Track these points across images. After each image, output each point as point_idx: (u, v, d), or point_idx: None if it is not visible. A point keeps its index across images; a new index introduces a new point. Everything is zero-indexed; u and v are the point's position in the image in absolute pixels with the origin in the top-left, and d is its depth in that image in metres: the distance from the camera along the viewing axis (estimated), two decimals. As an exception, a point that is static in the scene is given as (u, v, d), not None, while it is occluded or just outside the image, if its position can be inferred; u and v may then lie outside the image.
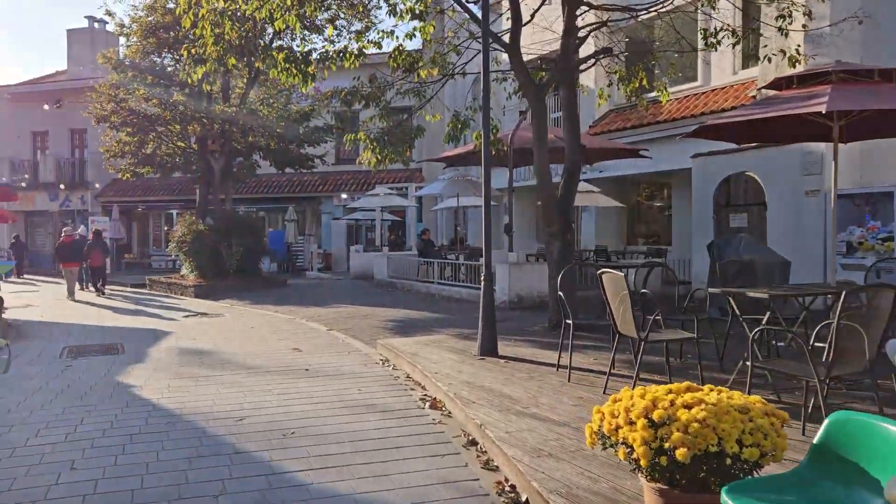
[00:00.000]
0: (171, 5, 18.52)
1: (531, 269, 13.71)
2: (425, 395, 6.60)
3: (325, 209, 28.42)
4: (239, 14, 8.54)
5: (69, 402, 6.47)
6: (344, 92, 11.49)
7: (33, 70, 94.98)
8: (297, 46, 15.47)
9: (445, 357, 7.94)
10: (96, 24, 32.99)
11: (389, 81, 11.94)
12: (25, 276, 26.80)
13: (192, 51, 8.54)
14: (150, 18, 18.75)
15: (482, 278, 8.23)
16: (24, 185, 31.21)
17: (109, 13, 19.21)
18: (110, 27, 21.10)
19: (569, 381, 6.50)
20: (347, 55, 8.95)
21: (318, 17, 14.69)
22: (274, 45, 14.04)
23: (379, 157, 10.43)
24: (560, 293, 6.78)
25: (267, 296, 17.17)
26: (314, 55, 9.07)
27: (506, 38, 9.94)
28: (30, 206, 31.74)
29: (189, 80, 9.04)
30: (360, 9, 15.18)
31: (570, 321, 6.74)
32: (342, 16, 16.32)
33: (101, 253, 19.37)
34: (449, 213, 26.86)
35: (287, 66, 8.74)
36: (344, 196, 27.53)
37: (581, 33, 10.52)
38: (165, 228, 30.83)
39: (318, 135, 21.26)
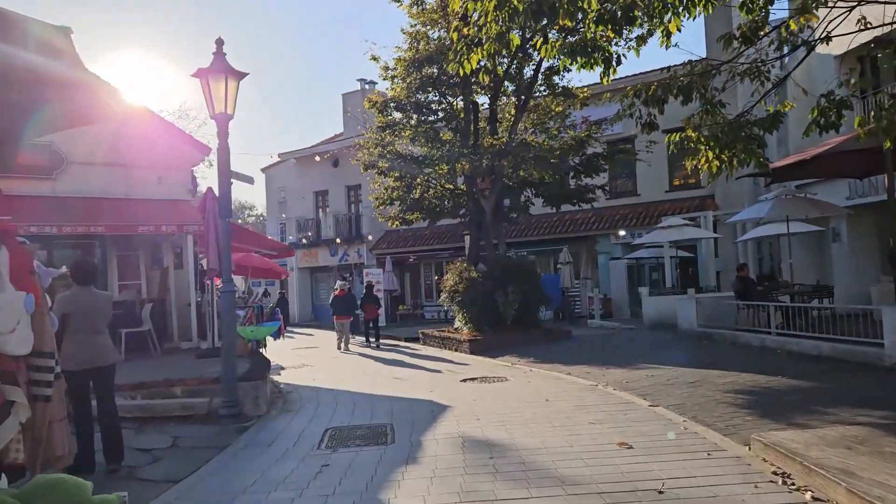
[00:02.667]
0: (435, 35, 17.32)
1: (943, 313, 9.36)
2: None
3: (602, 249, 25.42)
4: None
5: (313, 547, 4.20)
6: (654, 86, 8.57)
7: (316, 135, 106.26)
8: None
9: (914, 481, 4.46)
10: (367, 86, 34.17)
11: (714, 66, 8.80)
12: (287, 330, 27.43)
13: (466, 31, 6.34)
14: (412, 52, 17.66)
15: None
16: (304, 241, 32.81)
17: (375, 58, 18.56)
18: (377, 75, 20.51)
19: None
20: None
21: None
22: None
23: (725, 158, 7.27)
24: None
25: (551, 351, 14.56)
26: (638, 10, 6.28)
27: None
28: (314, 262, 33.24)
29: (460, 71, 6.80)
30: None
31: None
32: None
33: (374, 306, 19.28)
34: (752, 244, 22.39)
35: (604, 14, 6.03)
36: (622, 233, 24.38)
37: None
38: (436, 278, 30.14)
39: (596, 162, 18.54)
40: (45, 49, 3.26)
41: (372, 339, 18.90)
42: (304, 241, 32.84)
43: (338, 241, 31.07)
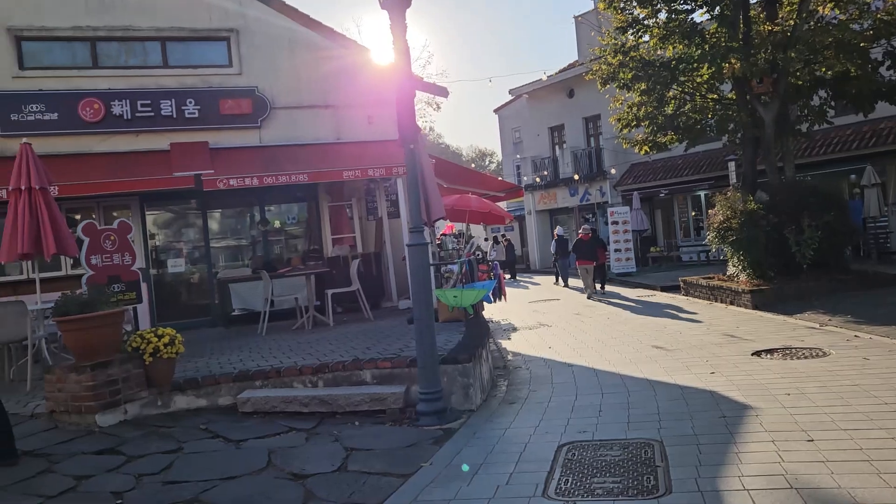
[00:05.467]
0: None
1: None
2: None
3: (920, 165, 19.45)
4: None
5: None
6: None
7: (549, 67, 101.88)
8: None
9: None
10: (600, 2, 30.23)
11: None
12: (515, 280, 25.35)
13: None
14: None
15: None
16: (538, 180, 30.30)
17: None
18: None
19: None
20: None
21: None
22: None
23: None
24: None
25: (876, 305, 10.50)
26: None
27: None
28: (552, 204, 30.67)
29: None
30: None
31: None
32: None
33: (601, 250, 18.41)
34: None
35: None
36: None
37: None
38: (692, 214, 25.97)
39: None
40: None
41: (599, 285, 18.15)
42: (538, 180, 30.36)
43: (575, 177, 27.96)
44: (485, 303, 9.35)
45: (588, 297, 16.61)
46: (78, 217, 11.93)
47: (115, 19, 11.82)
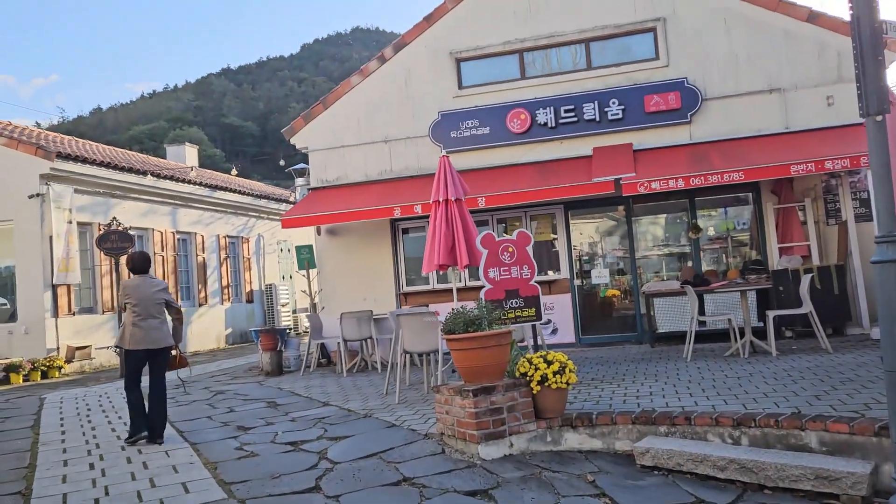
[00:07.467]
0: None
1: None
2: None
3: None
4: None
5: None
6: None
7: None
8: None
9: None
10: None
11: None
12: None
13: None
14: None
15: None
16: None
17: None
18: None
19: None
20: None
21: None
22: None
23: None
24: None
25: None
26: None
27: None
28: None
29: None
30: None
31: None
32: None
33: None
34: None
35: None
36: None
37: None
38: None
39: None
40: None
41: None
42: None
43: None
44: None
45: None
46: (517, 224, 12.18)
47: (540, 28, 11.75)
